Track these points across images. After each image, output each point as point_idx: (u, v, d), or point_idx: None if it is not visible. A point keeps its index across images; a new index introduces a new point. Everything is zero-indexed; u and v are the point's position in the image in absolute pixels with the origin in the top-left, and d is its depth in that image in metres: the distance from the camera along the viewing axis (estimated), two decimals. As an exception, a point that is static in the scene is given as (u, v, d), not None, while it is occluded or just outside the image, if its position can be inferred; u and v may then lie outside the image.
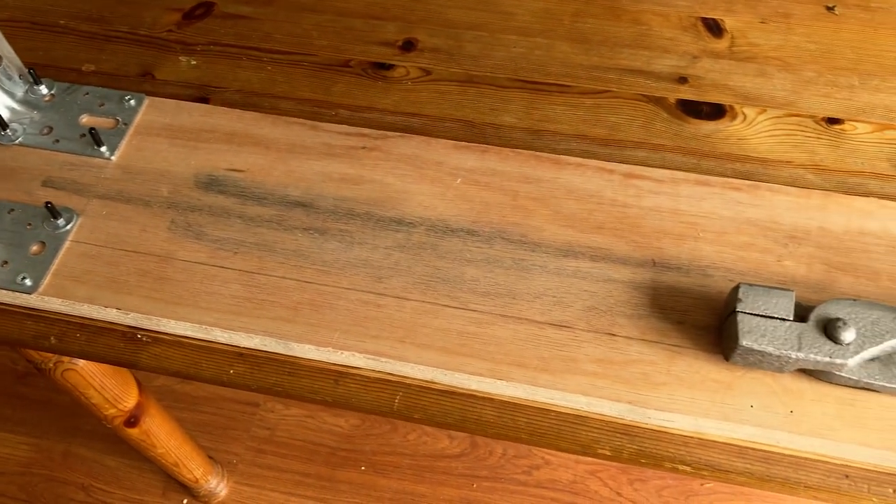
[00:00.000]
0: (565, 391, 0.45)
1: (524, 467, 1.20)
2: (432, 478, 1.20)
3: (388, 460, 1.22)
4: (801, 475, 0.44)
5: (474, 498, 1.18)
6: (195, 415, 1.26)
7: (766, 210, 0.51)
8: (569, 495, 1.18)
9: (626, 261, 0.49)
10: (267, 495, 1.19)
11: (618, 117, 0.58)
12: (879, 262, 0.48)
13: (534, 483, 1.19)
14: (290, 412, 1.26)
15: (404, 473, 1.21)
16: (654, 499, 1.17)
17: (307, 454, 1.22)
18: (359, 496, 1.19)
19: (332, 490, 1.19)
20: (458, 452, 1.22)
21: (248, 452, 1.23)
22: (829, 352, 0.42)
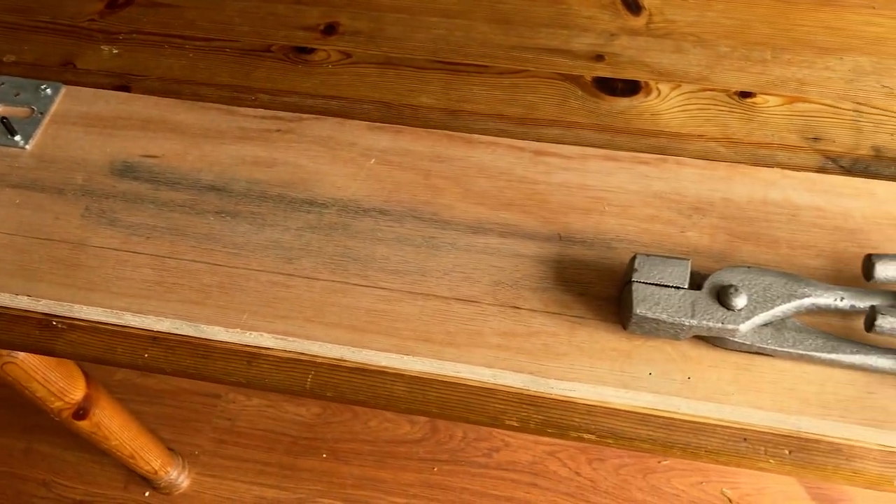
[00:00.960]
0: (470, 364, 0.45)
1: (484, 450, 1.21)
2: (394, 463, 1.21)
3: (350, 447, 1.22)
4: (701, 440, 0.45)
5: (435, 482, 1.19)
6: (157, 407, 1.26)
7: (672, 183, 0.51)
8: (529, 476, 1.19)
9: (534, 236, 0.50)
10: (229, 485, 1.20)
11: (534, 96, 0.59)
12: (780, 230, 0.49)
13: (494, 465, 1.20)
14: (252, 402, 1.27)
15: (365, 460, 1.21)
16: (612, 477, 1.18)
17: (269, 443, 1.23)
18: (320, 483, 1.20)
19: (294, 478, 1.20)
20: (419, 437, 1.23)
21: (209, 443, 1.23)
22: (721, 318, 0.43)
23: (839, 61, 0.60)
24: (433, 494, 1.18)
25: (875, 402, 0.43)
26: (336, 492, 1.19)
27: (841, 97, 0.58)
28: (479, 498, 1.18)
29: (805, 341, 0.44)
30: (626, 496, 1.17)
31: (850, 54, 0.60)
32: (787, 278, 0.44)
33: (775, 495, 1.16)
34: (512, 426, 0.47)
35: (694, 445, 0.45)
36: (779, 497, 1.16)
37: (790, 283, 0.44)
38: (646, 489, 1.17)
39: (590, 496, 1.17)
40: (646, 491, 1.17)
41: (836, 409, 0.43)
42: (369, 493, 1.18)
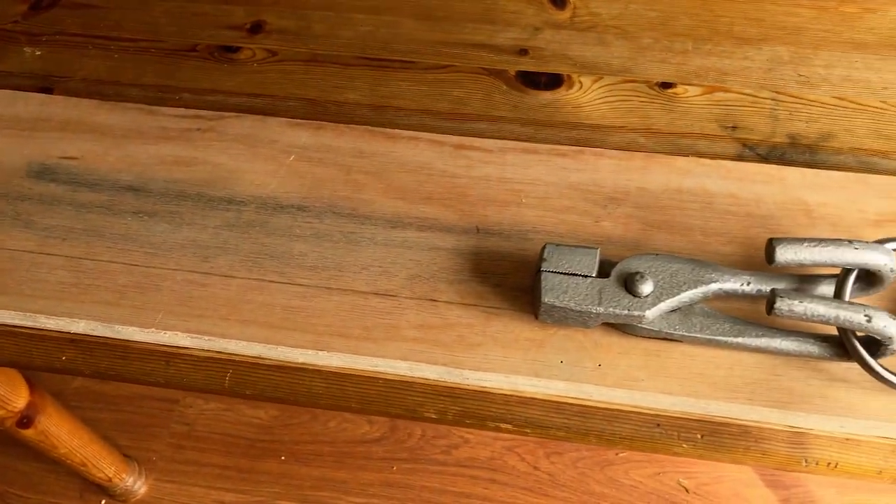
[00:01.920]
0: (386, 357, 0.46)
1: (443, 447, 1.22)
2: (353, 463, 1.21)
3: (309, 448, 1.22)
4: (615, 427, 0.46)
5: (394, 480, 1.19)
6: (113, 414, 1.25)
7: (589, 174, 0.52)
8: (487, 472, 1.19)
9: (452, 229, 0.50)
10: (187, 490, 1.19)
11: (460, 91, 0.59)
12: (693, 217, 0.50)
13: (453, 462, 1.20)
14: (209, 406, 1.26)
15: (324, 461, 1.21)
16: (570, 470, 1.19)
17: (227, 447, 1.22)
18: (279, 486, 1.19)
19: (253, 481, 1.19)
20: (377, 437, 1.23)
21: (167, 449, 1.22)
22: (627, 305, 0.44)
23: (758, 51, 0.61)
24: (392, 493, 1.18)
25: (781, 384, 0.44)
26: (295, 493, 1.18)
27: (759, 86, 0.59)
28: (438, 495, 1.18)
29: (712, 326, 0.44)
30: (584, 489, 1.18)
31: (769, 44, 0.61)
32: (694, 265, 0.45)
33: (731, 484, 1.17)
34: (430, 418, 0.47)
35: (609, 432, 0.46)
36: (735, 485, 1.17)
37: (697, 270, 0.45)
38: (604, 481, 1.18)
39: (548, 490, 1.18)
40: (604, 483, 1.18)
41: (744, 391, 0.44)
42: (328, 493, 1.18)
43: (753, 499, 1.16)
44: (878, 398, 0.43)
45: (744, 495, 1.16)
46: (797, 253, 0.42)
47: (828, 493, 1.16)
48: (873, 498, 1.16)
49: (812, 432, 0.45)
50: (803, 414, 0.43)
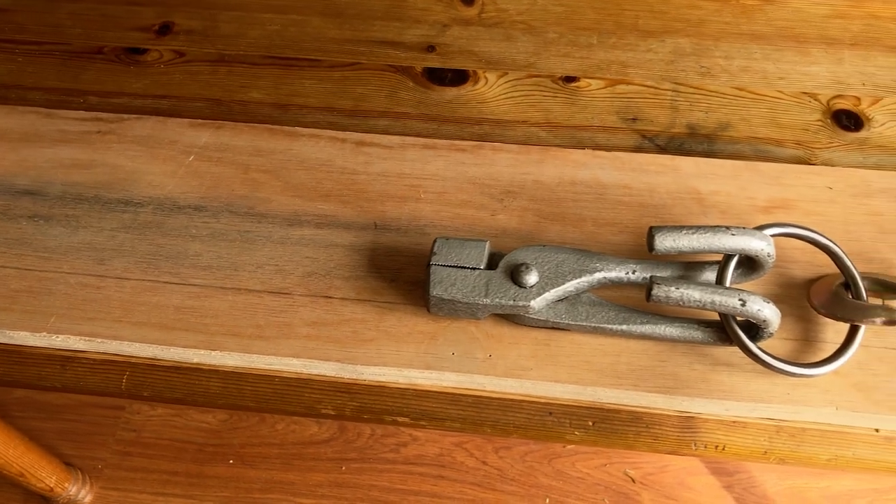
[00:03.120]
0: (278, 355, 0.46)
1: (392, 445, 1.22)
2: (302, 465, 1.20)
3: (257, 451, 1.21)
4: (509, 416, 0.46)
5: (343, 480, 1.19)
6: (57, 423, 1.23)
7: (487, 168, 0.52)
8: (436, 468, 1.20)
9: (350, 225, 0.50)
10: (134, 497, 1.18)
11: (365, 88, 0.60)
12: (587, 209, 0.51)
13: (402, 460, 1.21)
14: (156, 412, 1.25)
15: (273, 463, 1.21)
16: (518, 464, 1.20)
17: (175, 453, 1.21)
18: (227, 490, 1.18)
19: (201, 486, 1.19)
20: (326, 438, 1.23)
21: (113, 456, 1.21)
22: (513, 296, 0.44)
23: (661, 44, 0.61)
24: (342, 493, 1.18)
25: (666, 370, 0.45)
26: (243, 497, 1.18)
27: (661, 78, 0.60)
28: (387, 494, 1.18)
29: (598, 314, 0.45)
30: (532, 482, 1.18)
31: (672, 36, 0.62)
32: (579, 255, 0.46)
33: (676, 472, 1.19)
34: (328, 414, 0.47)
35: (503, 422, 0.46)
36: (680, 473, 1.19)
37: (582, 259, 0.45)
38: (551, 474, 1.19)
39: (497, 484, 1.18)
40: (551, 476, 1.19)
41: (630, 378, 0.45)
42: (277, 496, 1.18)
43: (698, 486, 1.18)
44: (759, 380, 0.44)
45: (688, 483, 1.18)
46: (676, 240, 0.43)
47: (769, 478, 1.18)
48: (812, 482, 1.18)
49: (700, 416, 0.45)
50: (687, 398, 0.44)
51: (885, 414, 0.43)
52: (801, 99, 0.58)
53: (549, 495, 1.18)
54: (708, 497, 1.17)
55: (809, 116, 0.57)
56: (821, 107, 0.58)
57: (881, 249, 0.49)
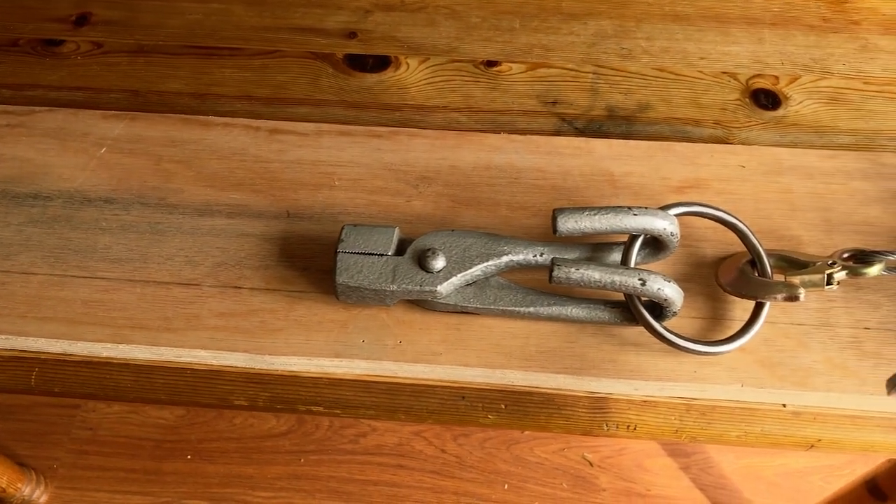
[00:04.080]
0: (186, 347, 0.45)
1: (350, 436, 1.22)
2: (260, 458, 1.20)
3: (215, 446, 1.21)
4: (422, 402, 0.46)
5: (302, 472, 1.19)
6: (10, 424, 1.22)
7: (403, 154, 0.52)
8: (395, 458, 1.20)
9: (262, 214, 0.50)
10: (90, 496, 1.17)
11: (285, 76, 0.59)
12: (501, 193, 0.51)
13: (361, 451, 1.21)
14: (112, 410, 1.24)
15: (231, 457, 1.20)
16: (477, 451, 1.20)
17: (131, 450, 1.20)
18: (185, 485, 1.18)
19: (158, 483, 1.18)
20: (284, 430, 1.22)
21: (68, 455, 1.20)
22: (420, 281, 0.44)
23: (583, 26, 0.61)
24: (300, 485, 1.18)
25: (574, 351, 0.45)
26: (202, 492, 1.17)
27: (582, 61, 0.59)
28: (345, 484, 1.18)
29: (506, 298, 0.45)
30: (491, 469, 1.19)
31: (594, 19, 0.62)
32: (487, 238, 0.45)
33: (633, 455, 1.20)
34: (241, 406, 0.47)
35: (416, 408, 0.46)
36: (637, 456, 1.20)
37: (490, 243, 0.45)
38: (510, 460, 1.20)
39: (455, 472, 1.19)
40: (510, 462, 1.19)
41: (538, 360, 0.45)
42: (235, 490, 1.17)
43: (655, 468, 1.19)
44: (666, 359, 0.45)
45: (645, 465, 1.19)
46: (578, 222, 0.43)
47: (726, 458, 1.20)
48: (767, 460, 1.19)
49: (611, 397, 0.46)
50: (595, 379, 0.44)
51: (791, 389, 0.44)
52: (721, 79, 0.58)
53: (507, 481, 1.18)
54: (665, 478, 1.18)
55: (728, 96, 0.57)
56: (740, 86, 0.58)
57: (791, 227, 0.49)
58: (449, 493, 1.17)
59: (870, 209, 0.50)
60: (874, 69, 0.58)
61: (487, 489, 1.18)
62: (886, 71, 0.58)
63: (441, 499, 1.17)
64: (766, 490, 1.18)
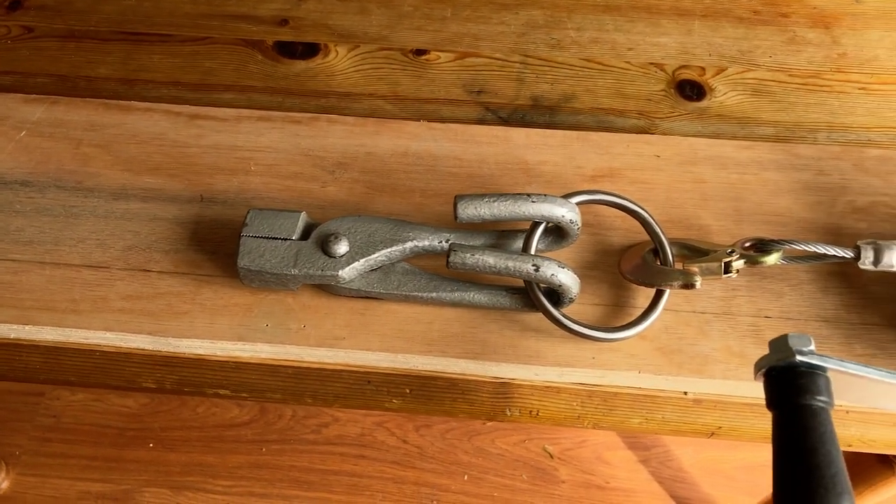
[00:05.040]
0: (92, 329, 0.45)
1: (313, 426, 1.22)
2: (221, 447, 1.20)
3: (177, 434, 1.21)
4: (328, 386, 0.46)
5: (263, 462, 1.19)
6: (-28, 411, 1.22)
7: (321, 140, 0.52)
8: (356, 448, 1.20)
9: (176, 199, 0.50)
10: (52, 483, 1.17)
11: (213, 63, 0.59)
12: (417, 180, 0.51)
13: (322, 441, 1.21)
14: (77, 398, 1.24)
15: (193, 446, 1.20)
16: (438, 442, 1.21)
17: (94, 437, 1.21)
18: (147, 473, 1.18)
19: (120, 470, 1.18)
20: (247, 420, 1.23)
21: (31, 443, 1.20)
22: (322, 265, 0.44)
23: (515, 16, 0.61)
24: (261, 475, 1.18)
25: (476, 336, 0.45)
26: (163, 480, 1.18)
27: (511, 51, 0.60)
28: (306, 474, 1.18)
29: (409, 283, 0.45)
30: (452, 459, 1.19)
31: (526, 9, 0.62)
32: (393, 224, 0.46)
33: (594, 447, 1.20)
34: (149, 388, 0.47)
35: (322, 392, 0.47)
36: (597, 448, 1.20)
37: (395, 229, 0.45)
38: (471, 451, 1.20)
39: (416, 462, 1.19)
40: (471, 453, 1.20)
41: (440, 345, 0.45)
42: (196, 478, 1.18)
43: (615, 460, 1.19)
44: (565, 345, 0.45)
45: (605, 458, 1.19)
46: (478, 208, 0.43)
47: (685, 451, 1.20)
48: (727, 454, 1.20)
49: (514, 382, 0.46)
50: (495, 363, 0.45)
51: (688, 376, 0.44)
52: (648, 69, 0.59)
53: (468, 472, 1.18)
54: (625, 471, 1.19)
55: (654, 87, 0.58)
56: (666, 77, 0.58)
57: (702, 216, 0.49)
58: (409, 483, 1.18)
59: (780, 200, 0.50)
60: (800, 61, 0.59)
61: (448, 480, 1.18)
62: (811, 63, 0.59)
63: (401, 489, 1.18)
64: (724, 483, 1.18)
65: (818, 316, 0.46)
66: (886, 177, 0.51)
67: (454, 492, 1.17)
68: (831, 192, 0.50)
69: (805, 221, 0.49)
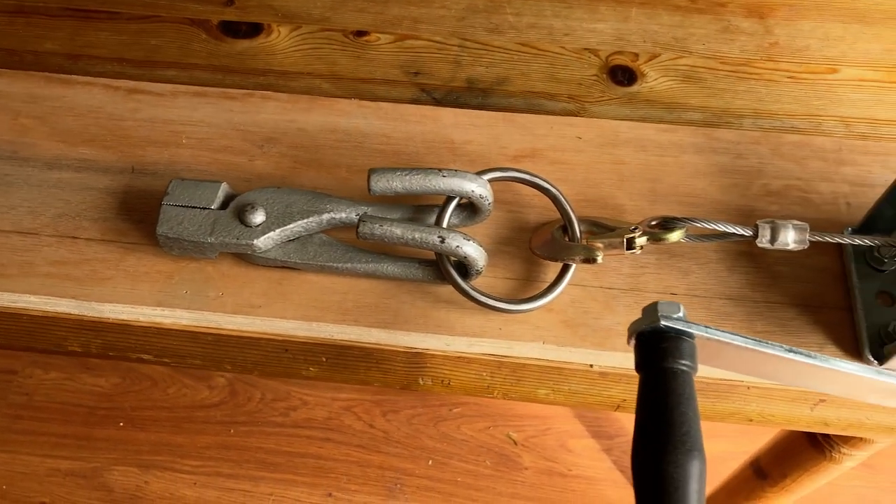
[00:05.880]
0: (17, 292, 0.47)
1: (282, 409, 1.24)
2: (191, 427, 1.22)
3: (147, 414, 1.23)
4: (247, 353, 0.48)
5: (231, 443, 1.21)
6: (-54, 387, 1.24)
7: (253, 115, 0.54)
8: (323, 431, 1.22)
9: (108, 169, 0.51)
10: (22, 459, 1.19)
11: (159, 40, 0.60)
12: (343, 156, 0.52)
13: (290, 423, 1.22)
14: (49, 376, 1.26)
15: (163, 426, 1.22)
16: (404, 427, 1.22)
17: (65, 416, 1.22)
18: (116, 451, 1.20)
19: (90, 448, 1.20)
20: (217, 401, 1.24)
21: (3, 420, 1.22)
22: (238, 234, 0.45)
23: (455, 0, 0.63)
24: (228, 455, 1.20)
25: (389, 306, 0.47)
26: (131, 458, 1.19)
27: (450, 34, 0.61)
28: (273, 456, 1.20)
29: (325, 254, 0.47)
30: (417, 444, 1.21)
31: (468, -6, 0.63)
32: (311, 196, 0.47)
33: (557, 435, 1.22)
34: (74, 351, 0.48)
35: (241, 359, 0.48)
36: (560, 436, 1.21)
37: (313, 201, 0.47)
38: (436, 437, 1.21)
39: (382, 447, 1.21)
40: (436, 439, 1.21)
41: (353, 314, 0.46)
42: (164, 457, 1.19)
43: (578, 448, 1.20)
44: (475, 317, 0.46)
45: (569, 446, 1.21)
46: (390, 181, 0.44)
47: (648, 440, 1.21)
48: (689, 444, 1.21)
49: (427, 352, 0.47)
50: (406, 333, 0.46)
51: (591, 349, 0.45)
52: (582, 55, 0.60)
53: (432, 457, 1.20)
54: (587, 459, 1.20)
55: (586, 71, 0.59)
56: (599, 62, 0.59)
57: (618, 196, 0.51)
58: (374, 467, 1.19)
59: (696, 181, 0.51)
60: (732, 50, 0.60)
61: (412, 464, 1.20)
62: (744, 52, 0.60)
63: (366, 472, 1.19)
64: (685, 474, 1.19)
65: (723, 294, 0.47)
66: (802, 161, 0.52)
67: (418, 476, 1.19)
68: (747, 175, 0.51)
69: (718, 203, 0.50)
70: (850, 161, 0.52)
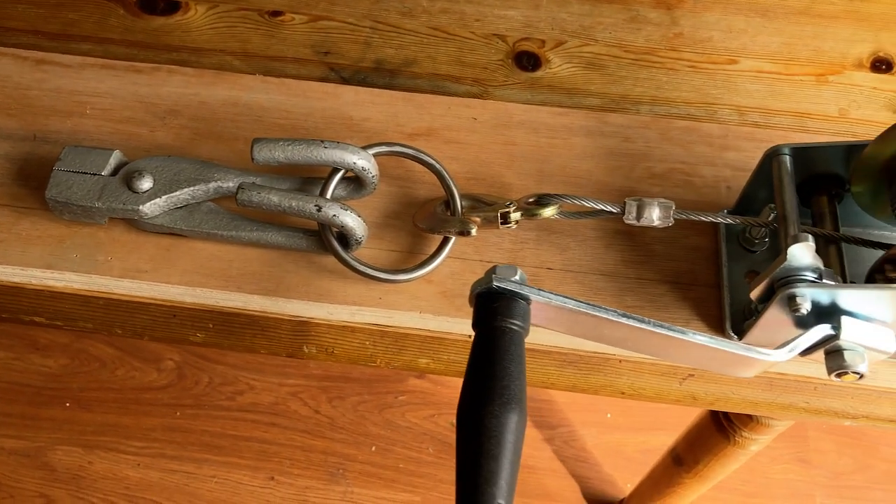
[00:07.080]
0: None
1: (228, 393, 1.24)
2: (137, 409, 1.23)
3: (94, 395, 1.23)
4: (136, 318, 0.49)
5: (177, 425, 1.22)
6: None
7: (158, 88, 0.55)
8: (269, 416, 1.23)
9: (10, 137, 0.52)
10: (-34, 438, 1.19)
11: (76, 14, 0.61)
12: (242, 129, 0.53)
13: (236, 407, 1.23)
14: (-3, 356, 1.26)
15: (109, 407, 1.23)
16: (350, 414, 1.23)
17: (11, 395, 1.23)
18: (61, 432, 1.20)
19: (34, 428, 1.20)
20: (164, 384, 1.25)
21: (-51, 398, 1.22)
22: (124, 200, 0.47)
23: (373, -15, 0.64)
24: (173, 437, 1.21)
25: (273, 275, 0.48)
26: (76, 438, 1.20)
27: (363, 16, 0.62)
28: (218, 439, 1.21)
29: (211, 221, 0.48)
30: (361, 431, 1.22)
31: (385, -21, 0.64)
32: (200, 165, 0.48)
33: (501, 424, 1.22)
34: (-25, 313, 0.49)
35: (131, 323, 0.49)
36: (504, 426, 1.22)
37: (201, 169, 0.48)
38: (381, 424, 1.23)
39: (326, 432, 1.22)
40: (381, 425, 1.23)
41: (237, 281, 0.48)
42: (109, 438, 1.20)
43: (520, 438, 1.22)
44: (356, 286, 0.48)
45: (511, 435, 1.22)
46: (272, 151, 0.45)
47: (589, 432, 1.23)
48: (630, 436, 1.23)
49: (312, 321, 0.48)
50: (287, 300, 0.47)
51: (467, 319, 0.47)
52: (490, 40, 0.61)
53: (375, 444, 1.21)
54: (528, 448, 1.21)
55: (493, 56, 0.60)
56: (506, 48, 0.61)
57: (506, 175, 0.52)
58: (318, 452, 1.21)
59: (583, 163, 0.53)
60: (637, 39, 0.61)
61: (355, 450, 1.21)
62: (649, 41, 0.61)
63: (309, 457, 1.20)
64: (624, 465, 1.21)
65: (597, 269, 0.48)
66: (688, 146, 0.53)
67: (360, 462, 1.20)
68: (633, 158, 0.53)
69: (602, 184, 0.52)
70: (735, 147, 0.53)
